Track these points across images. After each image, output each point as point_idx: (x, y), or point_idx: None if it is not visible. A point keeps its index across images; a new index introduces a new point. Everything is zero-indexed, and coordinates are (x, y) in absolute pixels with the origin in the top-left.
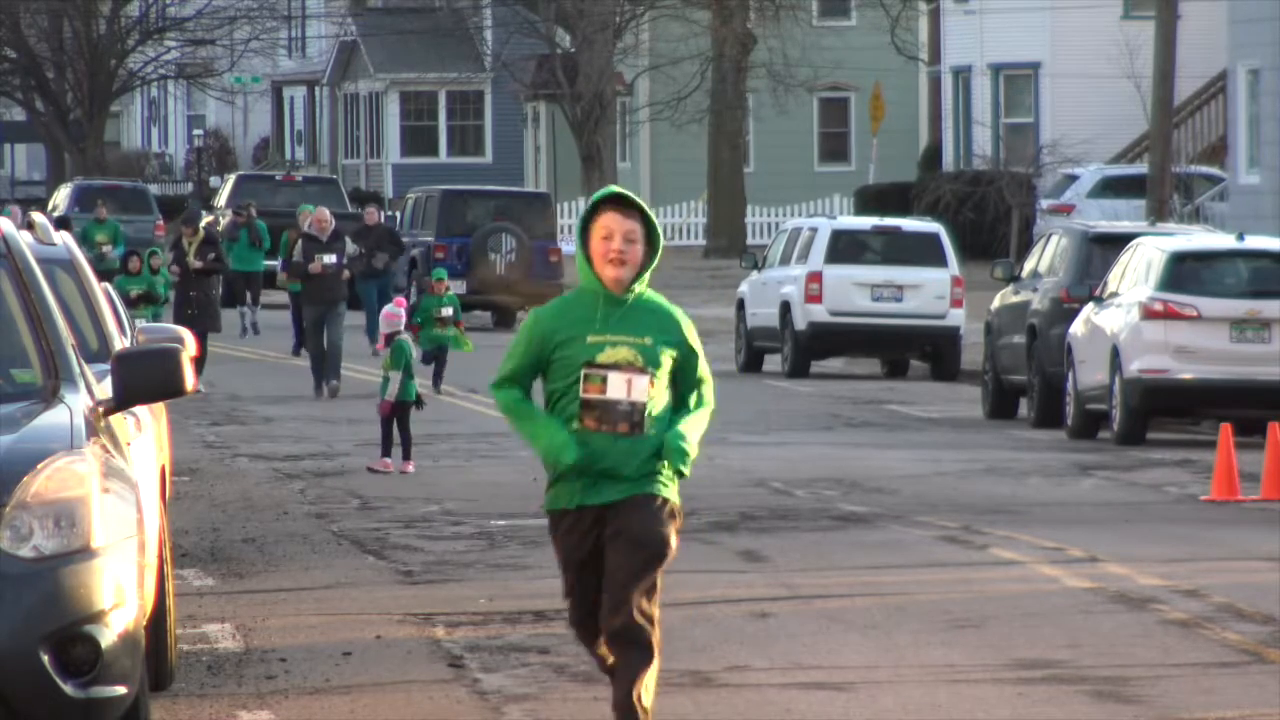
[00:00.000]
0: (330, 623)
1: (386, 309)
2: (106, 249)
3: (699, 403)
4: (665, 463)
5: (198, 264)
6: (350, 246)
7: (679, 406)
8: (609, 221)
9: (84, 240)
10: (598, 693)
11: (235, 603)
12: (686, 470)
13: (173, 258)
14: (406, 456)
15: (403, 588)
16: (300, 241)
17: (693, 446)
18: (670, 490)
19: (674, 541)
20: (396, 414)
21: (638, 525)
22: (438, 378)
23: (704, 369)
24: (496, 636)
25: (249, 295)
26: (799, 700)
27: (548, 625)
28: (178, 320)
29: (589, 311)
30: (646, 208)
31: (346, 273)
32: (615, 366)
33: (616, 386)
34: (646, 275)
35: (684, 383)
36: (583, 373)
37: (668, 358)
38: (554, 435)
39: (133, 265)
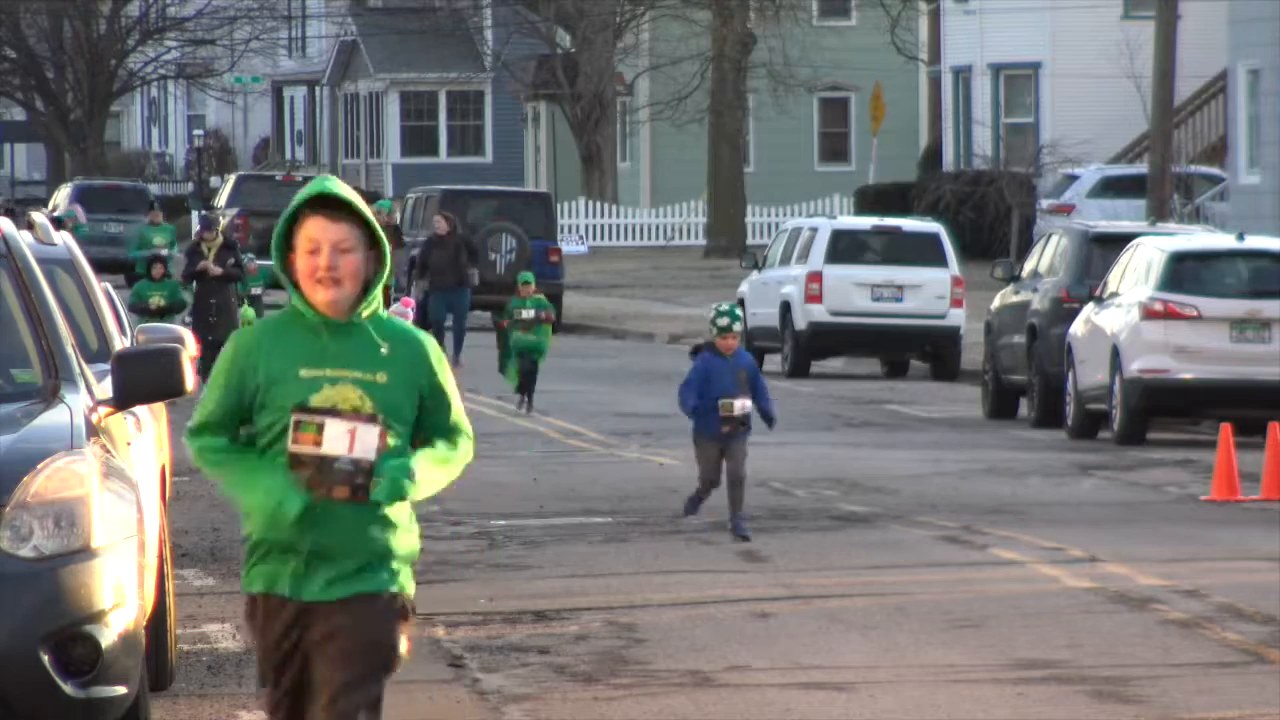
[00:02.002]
0: None
1: (393, 308)
2: (164, 252)
3: (448, 445)
4: (397, 541)
5: (217, 270)
6: None
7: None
8: (312, 230)
9: (141, 243)
10: (597, 693)
11: (235, 603)
12: (387, 500)
13: (187, 265)
14: None
15: None
16: None
17: (417, 485)
18: (403, 577)
19: (404, 647)
20: None
21: (357, 633)
22: (528, 398)
23: (460, 417)
24: (496, 636)
25: None
26: (799, 700)
27: (548, 625)
28: (198, 328)
29: (303, 338)
30: (361, 205)
31: None
32: (334, 412)
33: (335, 438)
34: (377, 292)
35: (430, 433)
36: (292, 418)
37: (408, 402)
38: (272, 479)
39: (156, 271)
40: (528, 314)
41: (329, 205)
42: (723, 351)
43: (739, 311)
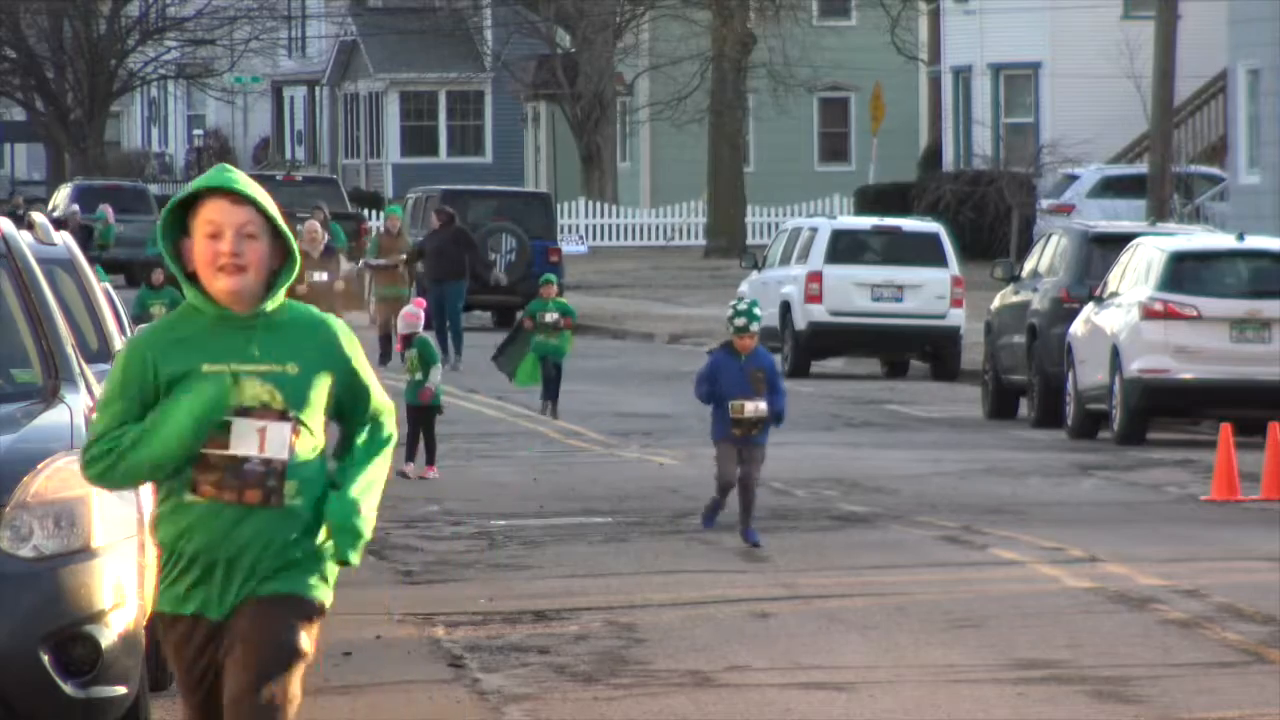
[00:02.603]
0: (330, 623)
1: (405, 309)
2: None
3: (373, 442)
4: (321, 548)
5: None
6: (345, 264)
7: (345, 450)
8: (214, 213)
9: (153, 243)
10: (597, 693)
11: None
12: (356, 559)
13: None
14: (430, 461)
15: (403, 588)
16: None
17: (368, 521)
18: (320, 589)
19: (307, 646)
20: (420, 417)
21: (259, 633)
22: (552, 403)
23: (380, 397)
24: (496, 636)
25: None
26: (799, 700)
27: (548, 625)
28: None
29: (204, 333)
30: (262, 197)
31: (340, 283)
32: (242, 409)
33: (245, 438)
34: (284, 288)
35: (352, 420)
36: None
37: (322, 392)
38: (192, 396)
39: (156, 278)
40: (551, 317)
41: (230, 192)
42: (739, 350)
43: (758, 311)
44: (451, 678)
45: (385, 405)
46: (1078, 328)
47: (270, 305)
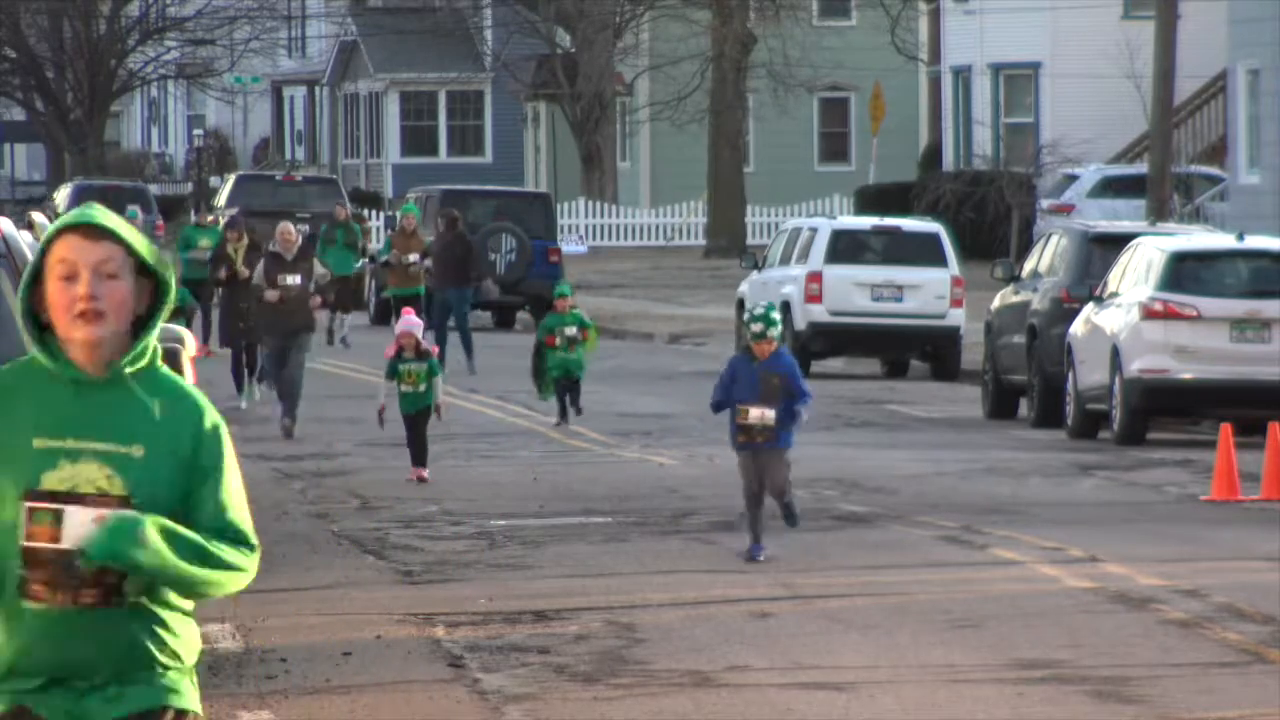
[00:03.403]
0: (330, 623)
1: (406, 319)
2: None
3: (226, 547)
4: (169, 645)
5: (246, 273)
6: (319, 269)
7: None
8: (67, 251)
9: (186, 244)
10: (598, 693)
11: (235, 602)
12: (96, 553)
13: (212, 269)
14: (421, 463)
15: (403, 588)
16: (263, 260)
17: (150, 554)
18: (184, 694)
19: None
20: (415, 422)
21: None
22: (564, 411)
23: (239, 518)
24: (496, 636)
25: (338, 303)
26: (799, 700)
27: (548, 625)
28: (227, 334)
29: (43, 397)
30: (126, 231)
31: (318, 298)
32: (75, 496)
33: (77, 529)
34: (151, 337)
35: (201, 525)
36: (24, 506)
37: (171, 481)
38: None
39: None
40: (571, 331)
41: (89, 229)
42: (756, 355)
43: (776, 315)
44: (451, 678)
45: (246, 532)
46: (1078, 328)
47: (130, 364)
